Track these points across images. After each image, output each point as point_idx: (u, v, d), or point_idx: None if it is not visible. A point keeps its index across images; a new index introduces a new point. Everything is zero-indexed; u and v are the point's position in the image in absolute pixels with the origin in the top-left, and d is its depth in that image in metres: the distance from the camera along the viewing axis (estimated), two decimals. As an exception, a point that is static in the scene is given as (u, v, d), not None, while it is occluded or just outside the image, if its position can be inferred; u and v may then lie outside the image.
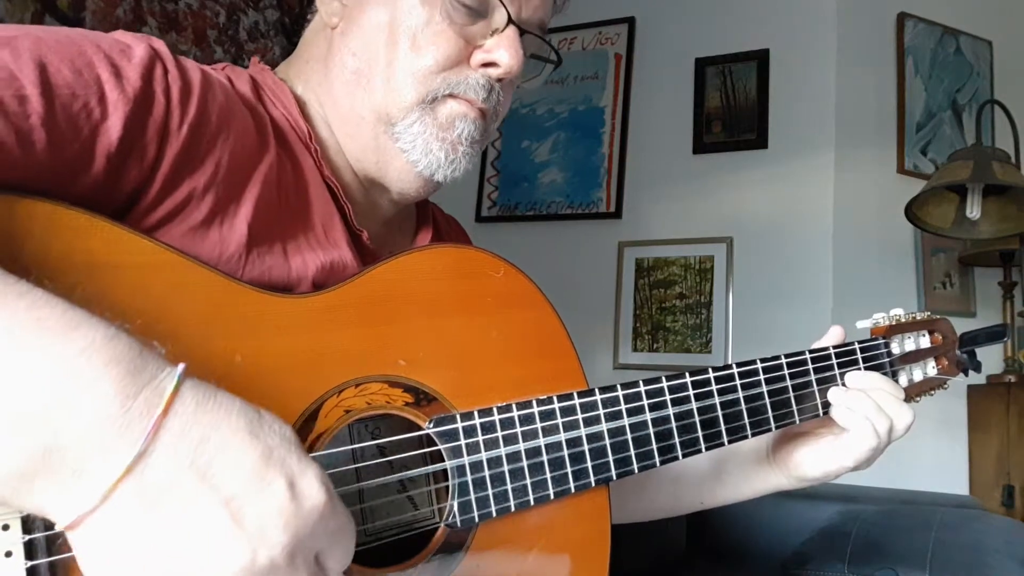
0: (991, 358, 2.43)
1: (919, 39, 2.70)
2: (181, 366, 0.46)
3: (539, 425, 0.69)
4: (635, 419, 0.73)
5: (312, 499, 0.47)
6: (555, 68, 0.84)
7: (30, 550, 0.47)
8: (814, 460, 0.85)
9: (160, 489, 0.43)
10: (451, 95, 0.73)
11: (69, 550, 0.48)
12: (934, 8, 2.73)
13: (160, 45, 0.62)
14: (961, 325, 0.98)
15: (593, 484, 0.70)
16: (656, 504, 0.98)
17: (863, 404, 0.81)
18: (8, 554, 0.46)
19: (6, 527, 0.47)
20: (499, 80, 0.74)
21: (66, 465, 0.42)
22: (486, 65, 0.73)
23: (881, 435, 0.81)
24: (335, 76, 0.75)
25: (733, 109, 2.69)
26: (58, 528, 0.43)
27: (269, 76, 0.77)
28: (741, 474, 0.92)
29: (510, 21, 0.72)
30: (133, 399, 0.43)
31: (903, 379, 0.89)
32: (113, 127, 0.56)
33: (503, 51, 0.72)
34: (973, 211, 2.20)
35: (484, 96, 0.74)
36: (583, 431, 0.70)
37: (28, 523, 0.47)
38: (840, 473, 0.85)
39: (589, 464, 0.70)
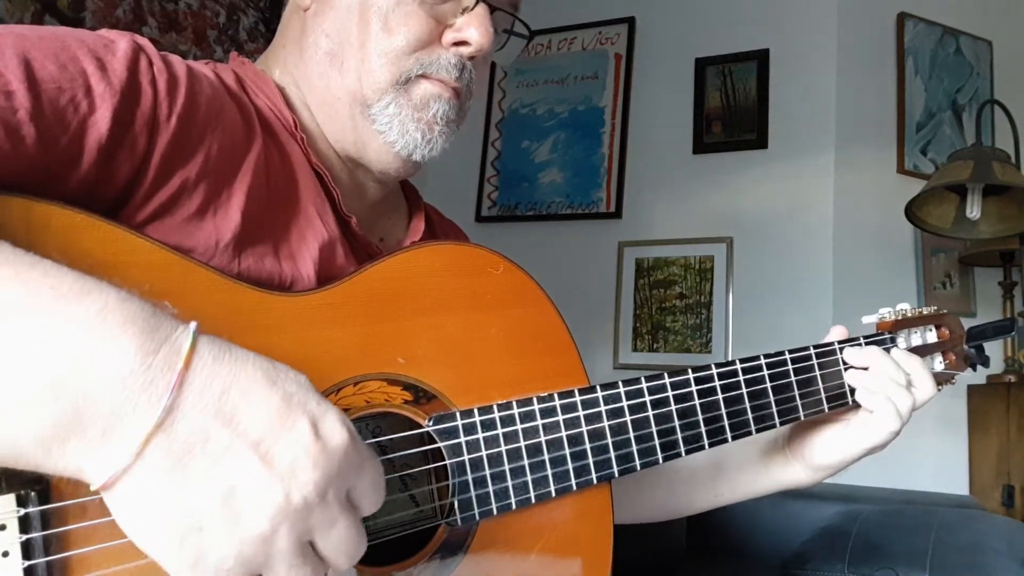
0: (991, 358, 2.43)
1: (919, 39, 2.70)
2: (193, 323, 0.47)
3: (540, 422, 0.68)
4: (637, 415, 0.72)
5: (336, 437, 0.48)
6: (528, 41, 0.84)
7: (27, 550, 0.47)
8: (831, 446, 0.85)
9: (190, 441, 0.44)
10: (424, 75, 0.74)
11: (65, 550, 0.48)
12: (934, 8, 2.73)
13: (143, 40, 0.62)
14: (961, 325, 0.98)
15: (595, 481, 0.70)
16: (671, 503, 0.97)
17: (884, 384, 0.81)
18: (5, 554, 0.46)
19: (3, 527, 0.46)
20: (471, 58, 0.75)
21: (96, 425, 0.43)
22: (457, 44, 0.74)
23: (903, 414, 0.81)
24: (309, 57, 0.76)
25: (733, 109, 2.69)
26: (93, 488, 0.44)
27: (250, 68, 0.78)
28: (760, 468, 0.92)
29: None
30: (153, 355, 0.44)
31: None
32: (102, 119, 0.56)
33: (473, 29, 0.73)
34: (973, 211, 2.20)
35: (456, 75, 0.74)
36: (584, 428, 0.70)
37: (25, 523, 0.47)
38: (858, 457, 0.84)
39: (591, 460, 0.70)
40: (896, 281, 2.57)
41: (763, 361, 0.80)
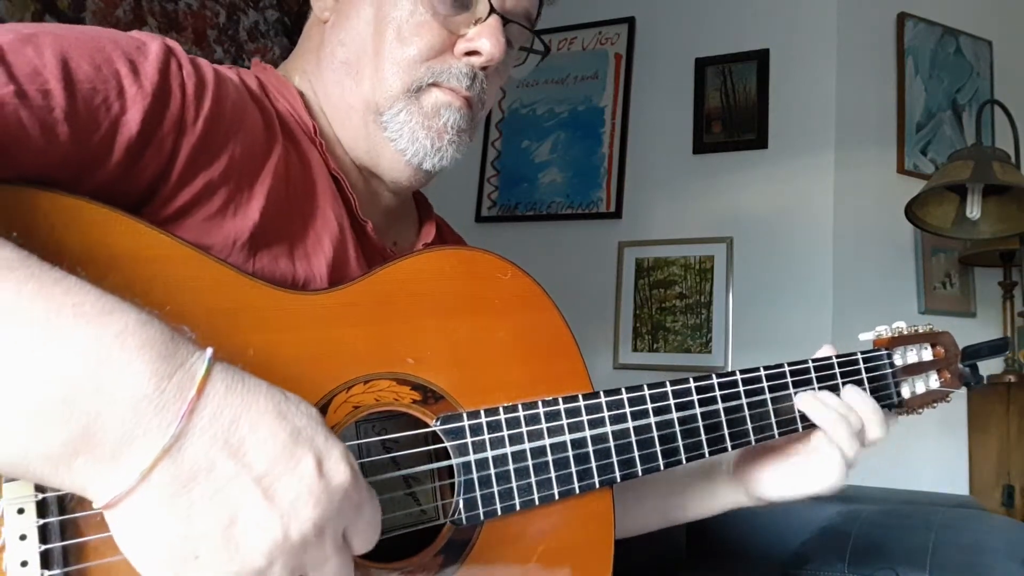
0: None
1: (919, 39, 2.70)
2: (210, 350, 0.47)
3: (544, 426, 0.69)
4: (639, 422, 0.73)
5: (339, 476, 0.49)
6: (542, 58, 0.85)
7: (44, 534, 0.48)
8: (774, 484, 0.84)
9: (195, 469, 0.45)
10: (435, 84, 0.75)
11: (82, 535, 0.49)
12: (934, 8, 2.73)
13: (174, 43, 0.64)
14: (961, 325, 0.99)
15: (597, 485, 0.71)
16: (628, 522, 0.95)
17: (838, 432, 0.80)
18: (23, 537, 0.47)
19: (21, 511, 0.47)
20: (483, 68, 0.76)
21: (105, 445, 0.43)
22: (469, 54, 0.75)
23: (851, 463, 0.80)
24: (325, 66, 0.78)
25: (733, 109, 2.69)
26: (96, 507, 0.45)
27: (272, 73, 0.80)
28: (707, 492, 0.91)
29: (492, 10, 0.74)
30: (167, 380, 0.45)
31: (906, 391, 0.89)
32: (132, 120, 0.58)
33: (485, 39, 0.74)
34: (973, 211, 2.20)
35: (468, 84, 0.76)
36: (588, 432, 0.71)
37: (42, 507, 0.48)
38: (800, 499, 0.83)
39: (593, 465, 0.71)
40: (896, 281, 2.57)
41: (763, 372, 0.81)
